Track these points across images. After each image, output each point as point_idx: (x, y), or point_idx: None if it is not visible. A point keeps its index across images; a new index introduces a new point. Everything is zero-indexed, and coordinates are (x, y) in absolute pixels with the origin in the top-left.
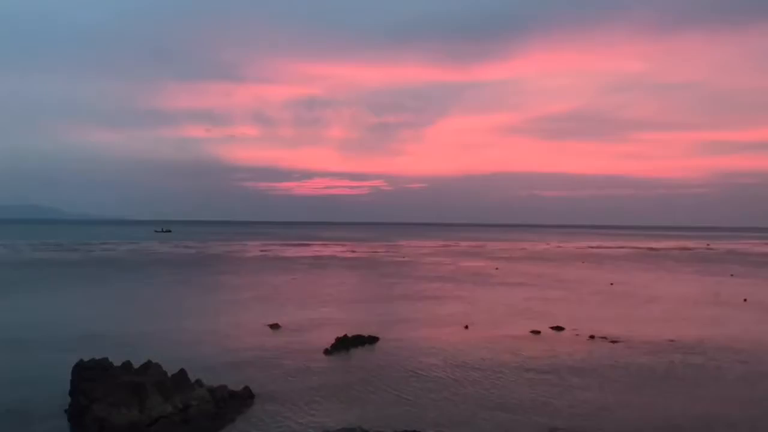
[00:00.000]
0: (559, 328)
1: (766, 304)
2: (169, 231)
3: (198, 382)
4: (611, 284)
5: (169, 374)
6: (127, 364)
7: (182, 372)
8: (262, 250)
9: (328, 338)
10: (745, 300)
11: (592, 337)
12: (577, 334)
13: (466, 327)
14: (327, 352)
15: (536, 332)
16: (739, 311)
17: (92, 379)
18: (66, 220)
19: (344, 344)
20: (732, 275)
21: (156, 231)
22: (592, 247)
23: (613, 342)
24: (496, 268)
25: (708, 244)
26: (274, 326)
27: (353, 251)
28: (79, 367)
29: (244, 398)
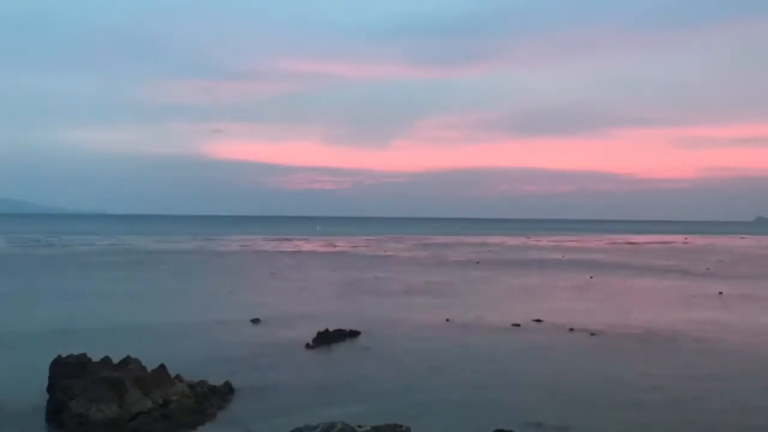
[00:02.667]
0: (539, 321)
1: (741, 297)
2: None
3: (178, 377)
4: (590, 277)
5: (149, 369)
6: (105, 360)
7: (162, 367)
8: (242, 245)
9: (309, 332)
10: (720, 293)
11: (571, 329)
12: (557, 327)
13: (447, 320)
14: (308, 346)
15: (516, 325)
16: (714, 303)
17: (70, 375)
18: (42, 214)
19: (325, 338)
20: (708, 269)
21: None
22: (571, 241)
23: (593, 334)
24: (477, 262)
25: (685, 238)
26: (255, 321)
27: (334, 245)
28: (57, 363)
29: (224, 393)
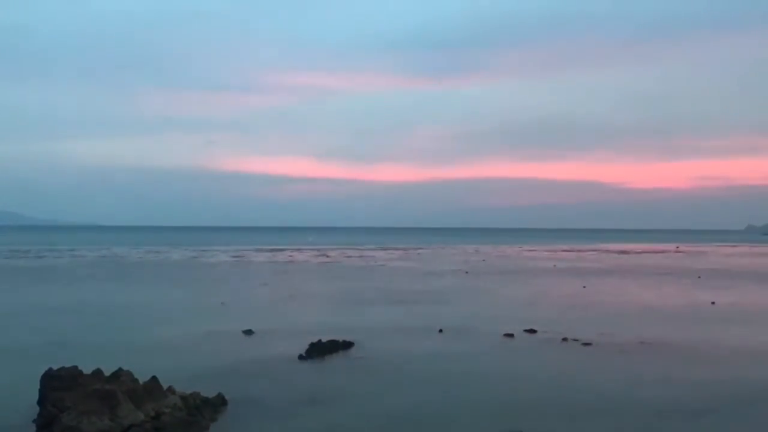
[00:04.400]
0: (532, 331)
1: (733, 307)
2: None
3: (170, 389)
4: (583, 287)
5: (141, 382)
6: (97, 372)
7: (154, 379)
8: (235, 256)
9: (302, 344)
10: (713, 303)
11: (564, 339)
12: (550, 337)
13: (440, 331)
14: (301, 357)
15: (509, 335)
16: (706, 314)
17: (61, 388)
18: (35, 226)
19: (318, 350)
20: (699, 277)
21: None
22: (564, 251)
23: (586, 344)
24: (466, 272)
25: (677, 247)
26: (248, 332)
27: (327, 256)
28: (48, 375)
29: (217, 405)
